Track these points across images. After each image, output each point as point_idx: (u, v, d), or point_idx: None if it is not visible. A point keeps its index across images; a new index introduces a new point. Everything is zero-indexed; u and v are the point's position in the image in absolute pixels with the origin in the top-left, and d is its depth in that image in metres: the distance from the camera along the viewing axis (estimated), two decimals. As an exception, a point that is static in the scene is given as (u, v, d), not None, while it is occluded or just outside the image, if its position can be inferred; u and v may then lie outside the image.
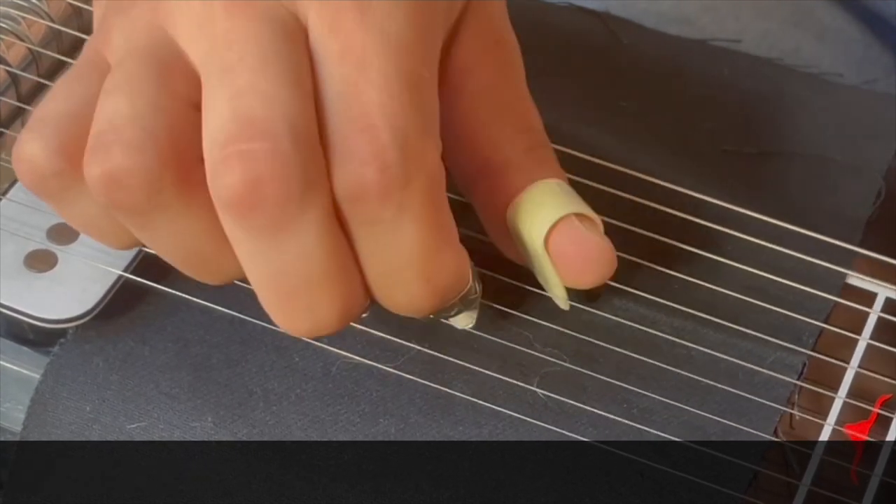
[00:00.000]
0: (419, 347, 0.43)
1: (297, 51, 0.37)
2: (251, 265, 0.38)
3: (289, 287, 0.38)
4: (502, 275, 0.44)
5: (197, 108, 0.37)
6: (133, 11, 0.39)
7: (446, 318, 0.42)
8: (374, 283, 0.39)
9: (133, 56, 0.38)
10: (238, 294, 0.44)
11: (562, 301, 0.42)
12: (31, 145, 0.38)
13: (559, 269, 0.41)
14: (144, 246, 0.40)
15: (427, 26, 0.38)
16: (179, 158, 0.37)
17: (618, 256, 0.42)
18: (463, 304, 0.41)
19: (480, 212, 0.42)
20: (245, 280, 0.39)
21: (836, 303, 0.45)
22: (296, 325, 0.39)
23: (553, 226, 0.40)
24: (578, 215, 0.41)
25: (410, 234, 0.37)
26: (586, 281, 0.41)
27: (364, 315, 0.41)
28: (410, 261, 0.38)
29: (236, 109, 0.36)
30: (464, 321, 0.42)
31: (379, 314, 0.44)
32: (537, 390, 0.43)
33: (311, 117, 0.36)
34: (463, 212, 0.42)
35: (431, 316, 0.41)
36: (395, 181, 0.36)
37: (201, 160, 0.37)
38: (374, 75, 0.36)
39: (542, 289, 0.43)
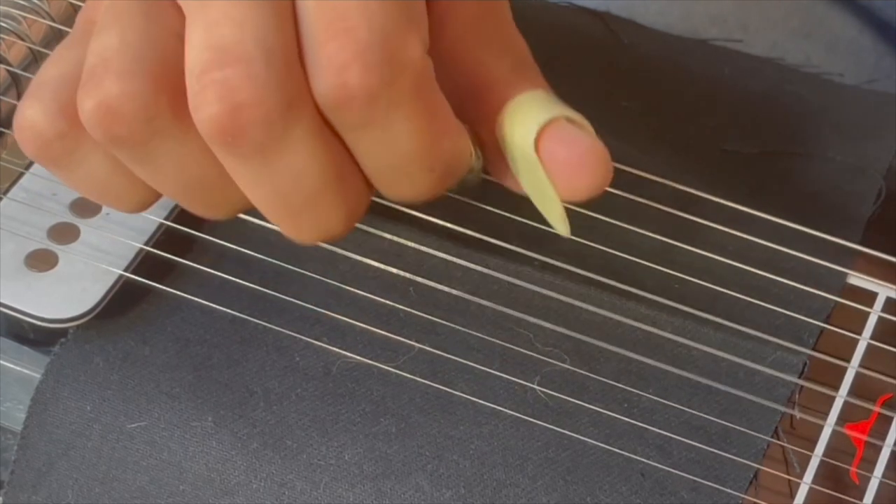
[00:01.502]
0: (420, 346, 0.43)
1: None
2: (249, 189, 0.38)
3: (289, 203, 0.38)
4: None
5: (183, 39, 0.37)
6: None
7: (454, 191, 0.42)
8: (377, 182, 0.39)
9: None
10: (238, 294, 0.44)
11: (562, 224, 0.40)
12: (32, 110, 0.38)
13: (553, 175, 0.39)
14: (152, 205, 0.40)
15: None
16: (172, 84, 0.36)
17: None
18: (467, 174, 0.41)
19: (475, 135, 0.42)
20: (252, 211, 0.39)
21: (837, 302, 0.45)
22: (304, 236, 0.39)
23: (542, 128, 0.39)
24: (568, 119, 0.39)
25: (405, 129, 0.37)
26: (582, 186, 0.39)
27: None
28: (410, 156, 0.37)
29: (209, 39, 0.35)
30: (471, 182, 0.42)
31: (379, 313, 0.44)
32: (538, 389, 0.43)
33: (286, 37, 0.36)
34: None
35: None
36: (379, 81, 0.35)
37: None
38: None
39: (544, 222, 0.41)
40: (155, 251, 0.45)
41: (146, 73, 0.36)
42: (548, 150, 0.39)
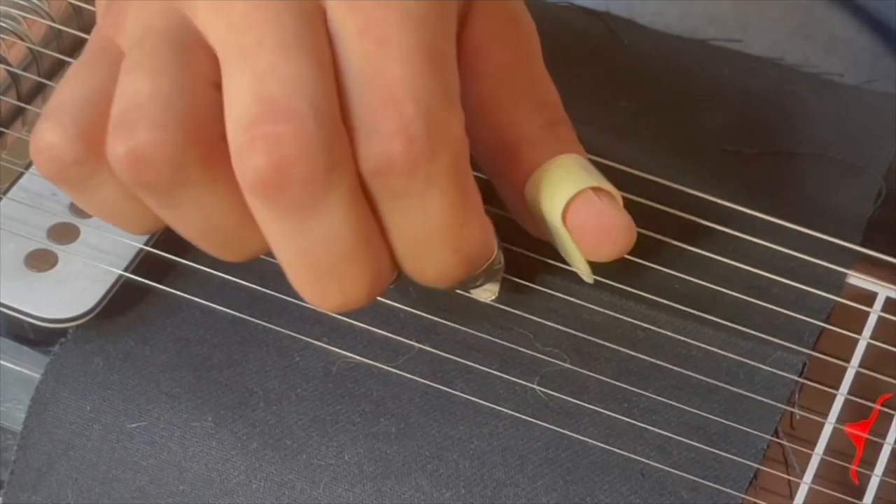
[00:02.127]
0: (420, 346, 0.43)
1: (315, 30, 0.37)
2: (278, 245, 0.38)
3: (317, 265, 0.38)
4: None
5: (217, 87, 0.37)
6: None
7: (469, 290, 0.43)
8: (402, 255, 0.39)
9: (150, 36, 0.38)
10: (238, 294, 0.44)
11: (586, 275, 0.43)
12: (50, 134, 0.38)
13: (578, 243, 0.41)
14: (161, 230, 0.40)
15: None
16: (203, 134, 0.37)
17: (625, 253, 0.42)
18: (487, 275, 0.42)
19: (500, 190, 0.43)
20: (268, 255, 0.39)
21: (837, 302, 0.45)
22: (325, 302, 0.39)
23: (570, 201, 0.41)
24: (595, 189, 0.41)
25: (438, 205, 0.37)
26: (606, 254, 0.41)
27: (391, 286, 0.41)
28: (438, 232, 0.38)
29: (258, 92, 0.36)
30: (486, 294, 0.43)
31: (379, 313, 0.44)
32: (538, 389, 0.43)
33: (333, 96, 0.36)
34: (484, 188, 0.42)
35: (457, 289, 0.42)
36: (421, 154, 0.36)
37: (224, 138, 0.37)
38: (395, 50, 0.36)
39: (564, 262, 0.44)
40: (155, 251, 0.45)
41: (178, 121, 0.37)
42: (575, 221, 0.41)
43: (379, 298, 0.44)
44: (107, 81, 0.38)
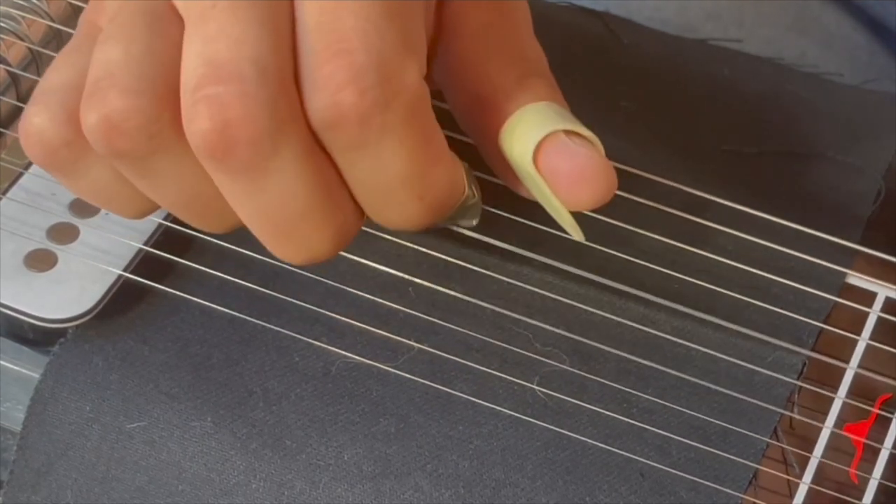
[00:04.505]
0: (419, 347, 0.43)
1: None
2: (238, 205, 0.38)
3: (278, 222, 0.38)
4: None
5: None
6: None
7: (447, 226, 0.42)
8: (366, 205, 0.39)
9: (125, 8, 0.38)
10: (238, 294, 0.44)
11: (573, 230, 0.41)
12: (38, 118, 0.38)
13: (554, 188, 0.39)
14: (154, 212, 0.40)
15: None
16: (176, 100, 0.36)
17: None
18: (462, 211, 0.41)
19: (481, 148, 0.42)
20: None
21: (836, 302, 0.45)
22: (292, 257, 0.39)
23: (540, 143, 0.39)
24: (568, 132, 0.39)
25: (397, 155, 0.37)
26: (584, 199, 0.39)
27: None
28: (400, 181, 0.38)
29: (205, 54, 0.36)
30: (465, 223, 0.42)
31: (378, 313, 0.44)
32: (537, 389, 0.43)
33: (283, 56, 0.36)
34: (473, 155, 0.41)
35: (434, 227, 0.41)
36: (374, 104, 0.36)
37: None
38: (351, 1, 0.36)
39: (555, 227, 0.42)
40: (154, 251, 0.45)
41: (150, 87, 0.36)
42: (546, 164, 0.39)
43: (378, 299, 0.44)
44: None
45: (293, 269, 0.44)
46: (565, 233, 0.41)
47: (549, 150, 0.39)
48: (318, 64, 0.36)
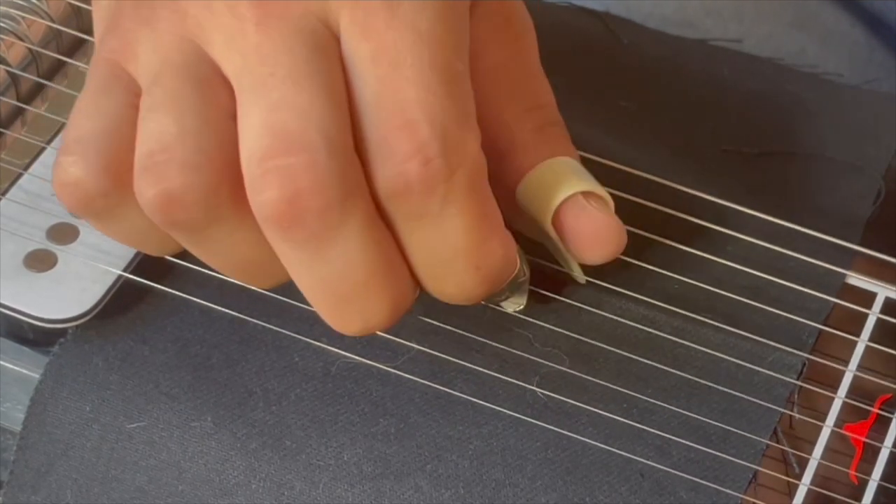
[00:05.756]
0: (419, 347, 0.43)
1: (329, 60, 0.37)
2: (297, 274, 0.38)
3: (337, 292, 0.38)
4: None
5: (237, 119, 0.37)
6: (159, 25, 0.38)
7: (496, 304, 0.43)
8: (423, 276, 0.39)
9: (168, 72, 0.38)
10: (238, 294, 0.44)
11: (578, 276, 0.44)
12: (75, 168, 0.38)
13: (568, 247, 0.42)
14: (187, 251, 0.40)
15: (457, 18, 0.38)
16: (231, 171, 0.37)
17: (616, 257, 0.42)
18: (511, 289, 0.42)
19: (493, 192, 0.42)
20: None
21: (836, 303, 0.45)
22: (348, 327, 0.39)
23: (560, 205, 0.41)
24: (586, 193, 0.41)
25: (457, 224, 0.37)
26: (596, 257, 0.42)
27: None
28: (459, 251, 0.38)
29: (271, 124, 0.36)
30: (513, 305, 0.43)
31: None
32: (537, 390, 0.43)
33: (346, 126, 0.36)
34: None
35: (483, 302, 0.42)
36: (438, 174, 0.36)
37: None
38: (409, 72, 0.36)
39: (556, 262, 0.44)
40: (154, 251, 0.45)
41: (208, 162, 0.37)
42: (564, 225, 0.41)
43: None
44: (126, 111, 0.38)
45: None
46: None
47: (568, 211, 0.41)
48: (382, 134, 0.36)
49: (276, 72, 0.36)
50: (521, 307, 0.43)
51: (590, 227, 0.41)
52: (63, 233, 0.45)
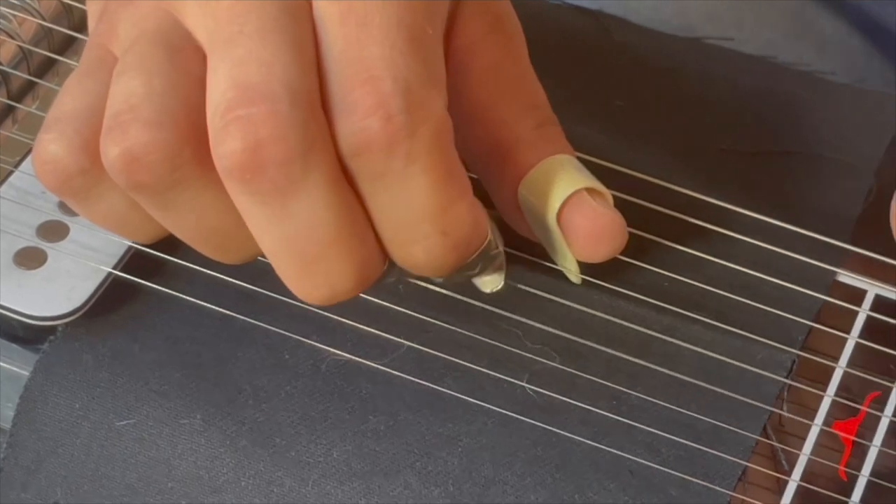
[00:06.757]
0: (409, 344, 0.43)
1: (297, 20, 0.37)
2: (262, 234, 0.38)
3: (301, 253, 0.38)
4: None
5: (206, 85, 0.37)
6: (136, 1, 0.39)
7: (471, 278, 0.43)
8: (389, 242, 0.39)
9: (142, 39, 0.38)
10: (228, 292, 0.44)
11: (574, 275, 0.44)
12: (54, 146, 0.38)
13: (571, 244, 0.42)
14: (165, 237, 0.40)
15: None
16: (197, 133, 0.37)
17: (618, 253, 0.42)
18: (484, 262, 0.41)
19: (492, 191, 0.43)
20: (263, 256, 0.39)
21: (826, 300, 0.45)
22: (313, 293, 0.39)
23: (565, 201, 0.41)
24: (589, 190, 0.41)
25: (421, 184, 0.37)
26: (599, 255, 0.42)
27: (391, 279, 0.40)
28: (424, 213, 0.38)
29: (235, 77, 0.36)
30: (491, 283, 0.43)
31: (368, 311, 0.44)
32: (527, 387, 0.43)
33: (311, 81, 0.36)
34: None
35: (456, 278, 0.42)
36: (400, 130, 0.36)
37: None
38: (376, 31, 0.36)
39: (551, 261, 0.44)
40: (144, 249, 0.44)
41: (172, 121, 0.37)
42: (569, 221, 0.41)
43: (367, 297, 0.44)
44: (105, 91, 0.38)
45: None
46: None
47: (572, 208, 0.41)
48: (346, 90, 0.36)
49: (244, 29, 0.36)
50: (500, 287, 0.43)
51: (595, 223, 0.41)
52: (53, 230, 0.45)
